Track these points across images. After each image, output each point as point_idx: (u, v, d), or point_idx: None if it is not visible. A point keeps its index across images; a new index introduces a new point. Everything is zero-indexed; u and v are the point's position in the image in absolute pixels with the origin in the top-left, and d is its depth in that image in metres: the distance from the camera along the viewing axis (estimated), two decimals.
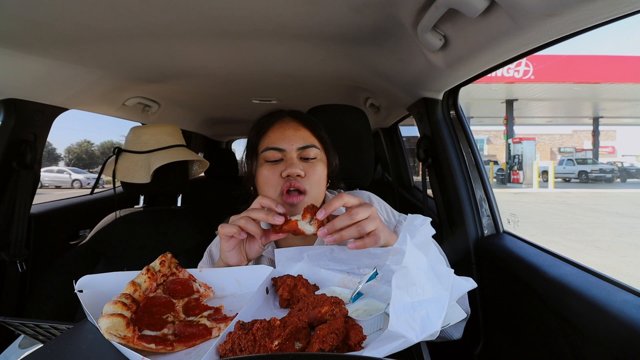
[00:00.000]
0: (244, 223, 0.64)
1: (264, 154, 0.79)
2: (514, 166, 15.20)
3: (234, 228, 0.64)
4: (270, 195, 0.78)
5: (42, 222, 1.43)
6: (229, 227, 0.65)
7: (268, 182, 0.78)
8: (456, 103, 1.27)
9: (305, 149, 0.79)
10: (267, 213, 0.64)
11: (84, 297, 0.51)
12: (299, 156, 0.79)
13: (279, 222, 0.63)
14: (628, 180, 18.44)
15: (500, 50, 0.77)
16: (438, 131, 1.28)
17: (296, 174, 0.75)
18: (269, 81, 1.54)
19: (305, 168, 0.77)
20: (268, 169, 0.78)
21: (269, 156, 0.79)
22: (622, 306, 0.58)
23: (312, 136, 0.82)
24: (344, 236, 0.60)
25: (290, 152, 0.78)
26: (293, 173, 0.75)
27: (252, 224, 0.64)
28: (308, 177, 0.77)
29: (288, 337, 0.41)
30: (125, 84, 1.43)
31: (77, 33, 0.94)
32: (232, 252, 0.66)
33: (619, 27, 79.73)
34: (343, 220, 0.60)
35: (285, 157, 0.78)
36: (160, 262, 0.57)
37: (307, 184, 0.76)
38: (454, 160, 1.23)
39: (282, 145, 0.78)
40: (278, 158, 0.78)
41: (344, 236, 0.60)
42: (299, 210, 0.74)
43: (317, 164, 0.79)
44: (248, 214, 0.65)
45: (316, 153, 0.80)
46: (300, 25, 0.94)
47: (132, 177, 1.28)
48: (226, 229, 0.65)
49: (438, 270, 0.44)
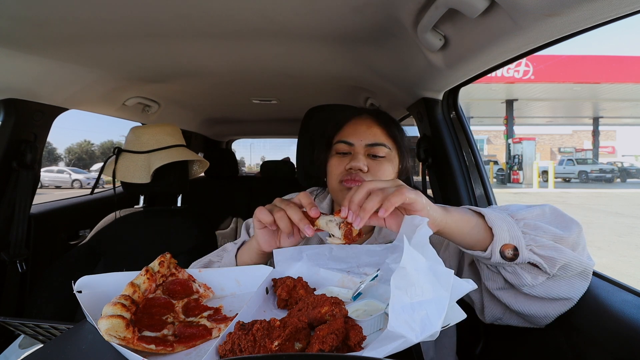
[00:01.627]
0: (279, 217, 0.60)
1: (335, 146, 0.83)
2: (514, 166, 15.21)
3: (269, 217, 0.60)
4: (334, 185, 0.81)
5: (42, 222, 1.43)
6: (265, 213, 0.61)
7: (333, 172, 0.81)
8: (456, 103, 1.27)
9: (373, 146, 0.80)
10: (301, 219, 0.58)
11: (83, 297, 0.51)
12: (367, 152, 0.80)
13: (309, 233, 0.58)
14: (628, 180, 18.44)
15: (500, 50, 0.77)
16: (438, 131, 1.28)
17: (358, 168, 0.76)
18: (269, 81, 1.54)
19: (371, 164, 0.78)
20: (336, 160, 0.81)
21: (339, 148, 0.82)
22: (622, 306, 0.58)
23: (385, 135, 0.82)
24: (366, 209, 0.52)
25: (358, 147, 0.80)
26: (355, 166, 0.76)
27: (285, 220, 0.59)
28: (371, 174, 0.78)
29: (288, 337, 0.41)
30: (125, 84, 1.43)
31: (77, 33, 0.94)
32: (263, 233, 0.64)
33: (619, 27, 79.76)
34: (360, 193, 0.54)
35: (353, 151, 0.80)
36: (159, 262, 0.56)
37: (368, 178, 0.77)
38: (454, 160, 1.23)
39: (352, 139, 0.80)
40: (346, 151, 0.81)
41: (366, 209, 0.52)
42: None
43: (383, 163, 0.80)
44: (286, 209, 0.60)
45: (386, 152, 0.80)
46: (300, 25, 0.94)
47: (132, 177, 1.28)
48: (262, 214, 0.61)
49: (437, 270, 0.44)
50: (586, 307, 0.62)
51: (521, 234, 0.56)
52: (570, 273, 0.58)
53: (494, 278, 0.62)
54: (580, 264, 0.57)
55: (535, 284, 0.58)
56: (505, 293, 0.62)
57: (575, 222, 0.60)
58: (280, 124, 2.78)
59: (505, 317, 0.66)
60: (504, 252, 0.56)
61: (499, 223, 0.56)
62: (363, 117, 0.85)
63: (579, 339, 0.61)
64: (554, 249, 0.56)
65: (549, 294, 0.59)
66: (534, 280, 0.58)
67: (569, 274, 0.58)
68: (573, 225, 0.60)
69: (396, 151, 0.84)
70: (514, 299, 0.62)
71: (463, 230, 0.57)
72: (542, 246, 0.56)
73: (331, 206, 0.92)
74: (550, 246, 0.56)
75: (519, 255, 0.55)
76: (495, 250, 0.56)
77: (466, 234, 0.57)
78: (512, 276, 0.58)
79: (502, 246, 0.56)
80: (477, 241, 0.57)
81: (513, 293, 0.62)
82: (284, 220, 0.60)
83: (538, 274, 0.58)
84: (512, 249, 0.56)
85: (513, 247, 0.56)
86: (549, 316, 0.61)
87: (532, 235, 0.57)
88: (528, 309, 0.61)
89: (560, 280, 0.59)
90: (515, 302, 0.62)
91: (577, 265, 0.57)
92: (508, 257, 0.56)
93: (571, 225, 0.60)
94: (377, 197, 0.52)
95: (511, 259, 0.56)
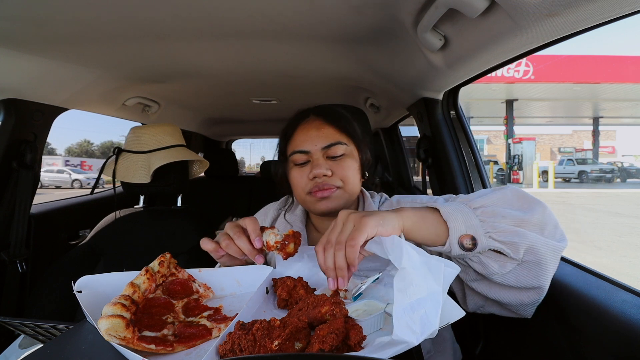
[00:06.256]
0: (226, 246, 0.61)
1: (292, 157, 0.80)
2: (514, 166, 15.21)
3: (211, 245, 0.62)
4: (300, 195, 0.79)
5: (42, 222, 1.43)
6: (206, 242, 0.63)
7: (298, 185, 0.79)
8: (456, 103, 1.27)
9: (330, 148, 0.78)
10: (250, 251, 0.60)
11: (83, 297, 0.51)
12: (325, 155, 0.78)
13: (260, 262, 0.61)
14: (628, 180, 18.43)
15: (500, 50, 0.77)
16: (438, 131, 1.28)
17: (322, 175, 0.75)
18: (269, 81, 1.54)
19: (333, 166, 0.77)
20: (297, 172, 0.79)
21: (296, 159, 0.79)
22: (622, 306, 0.58)
23: (338, 132, 0.80)
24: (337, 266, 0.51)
25: (315, 152, 0.78)
26: (319, 174, 0.75)
27: (233, 248, 0.61)
28: (336, 175, 0.76)
29: (288, 337, 0.41)
30: (125, 84, 1.43)
31: (77, 33, 0.94)
32: (223, 261, 0.65)
33: (619, 27, 79.76)
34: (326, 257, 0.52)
35: (311, 158, 0.78)
36: (159, 262, 0.56)
37: (336, 181, 0.76)
38: (454, 160, 1.23)
39: (306, 147, 0.78)
40: (304, 160, 0.79)
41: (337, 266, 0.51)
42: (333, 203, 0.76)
43: (345, 160, 0.78)
44: (235, 240, 0.61)
45: (344, 149, 0.79)
46: (300, 25, 0.94)
47: (132, 177, 1.28)
48: (204, 244, 0.62)
49: (429, 263, 0.44)
50: (586, 307, 0.62)
51: (478, 222, 0.55)
52: (541, 256, 0.55)
53: (465, 270, 0.61)
54: (546, 245, 0.55)
55: (505, 272, 0.57)
56: (480, 284, 0.62)
57: (539, 202, 0.59)
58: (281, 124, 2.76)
59: (487, 305, 0.65)
60: (462, 242, 0.55)
61: (454, 214, 0.55)
62: (310, 120, 0.83)
63: (579, 339, 0.61)
64: (515, 233, 0.54)
65: (521, 283, 0.57)
66: (502, 269, 0.56)
67: (539, 257, 0.56)
68: (536, 206, 0.58)
69: (353, 145, 0.82)
70: (488, 288, 0.61)
71: (421, 228, 0.56)
72: (501, 231, 0.55)
73: (305, 214, 0.90)
74: (510, 231, 0.55)
75: (478, 244, 0.54)
76: (453, 242, 0.55)
77: (424, 232, 0.56)
78: (479, 266, 0.57)
79: (460, 237, 0.55)
80: (436, 236, 0.56)
81: (487, 283, 0.61)
82: (231, 247, 0.61)
83: (506, 261, 0.56)
84: (470, 238, 0.54)
85: (471, 237, 0.54)
86: (524, 304, 0.60)
87: (491, 222, 0.56)
88: (502, 297, 0.60)
89: (532, 265, 0.57)
90: (490, 291, 0.61)
91: (543, 247, 0.55)
92: (467, 247, 0.55)
93: (534, 206, 0.58)
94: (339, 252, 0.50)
95: (471, 248, 0.55)
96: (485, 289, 0.61)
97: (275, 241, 0.60)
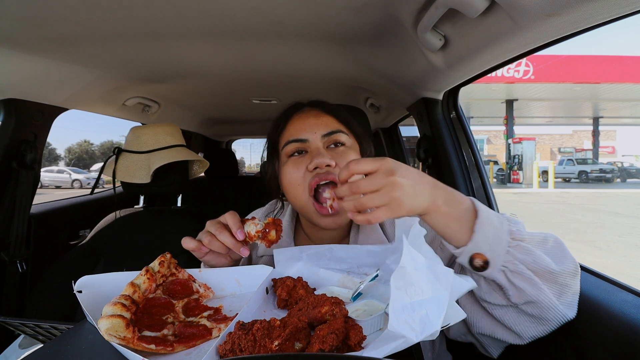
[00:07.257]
0: (208, 242, 0.59)
1: (285, 149, 0.69)
2: (514, 166, 15.21)
3: (193, 244, 0.60)
4: (299, 198, 0.68)
5: (42, 222, 1.43)
6: (187, 241, 0.60)
7: (294, 182, 0.67)
8: (456, 103, 1.27)
9: (331, 135, 0.68)
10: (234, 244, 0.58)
11: (83, 297, 0.51)
12: (326, 144, 0.68)
13: (245, 254, 0.60)
14: (628, 180, 18.45)
15: (500, 50, 0.77)
16: (438, 131, 1.28)
17: (325, 164, 0.64)
18: (269, 81, 1.54)
19: (335, 157, 0.66)
20: (292, 166, 0.68)
21: (291, 150, 0.68)
22: (622, 306, 0.58)
23: (338, 122, 0.71)
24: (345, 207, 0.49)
25: (314, 141, 0.67)
26: (321, 164, 0.64)
27: (216, 243, 0.59)
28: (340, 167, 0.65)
29: (288, 337, 0.41)
30: (125, 84, 1.43)
31: (77, 33, 0.94)
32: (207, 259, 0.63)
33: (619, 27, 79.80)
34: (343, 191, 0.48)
35: (310, 148, 0.68)
36: (159, 262, 0.56)
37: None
38: (454, 160, 1.23)
39: (304, 135, 0.68)
40: (302, 149, 0.68)
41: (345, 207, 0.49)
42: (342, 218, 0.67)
43: (347, 152, 0.68)
44: (217, 235, 0.59)
45: (346, 139, 0.69)
46: (300, 25, 0.94)
47: (132, 177, 1.28)
48: (185, 243, 0.60)
49: (436, 269, 0.44)
50: (586, 307, 0.62)
51: (505, 253, 0.50)
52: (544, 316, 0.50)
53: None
54: (554, 310, 0.49)
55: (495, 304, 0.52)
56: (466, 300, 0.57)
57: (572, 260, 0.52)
58: None
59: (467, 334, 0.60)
60: (473, 259, 0.50)
61: (485, 231, 0.49)
62: (306, 111, 0.73)
63: (579, 339, 0.61)
64: (531, 282, 0.49)
65: (505, 321, 0.53)
66: (494, 300, 0.52)
67: (542, 316, 0.50)
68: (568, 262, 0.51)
69: (354, 139, 0.73)
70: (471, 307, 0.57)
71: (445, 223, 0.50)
72: (517, 273, 0.50)
73: (294, 222, 0.80)
74: (527, 278, 0.49)
75: (487, 269, 0.50)
76: (466, 251, 0.50)
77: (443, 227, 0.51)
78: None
79: (474, 254, 0.50)
80: (455, 233, 0.51)
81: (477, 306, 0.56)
82: (214, 244, 0.59)
83: (501, 298, 0.52)
84: (484, 261, 0.50)
85: (485, 260, 0.50)
86: (495, 336, 0.55)
87: (516, 260, 0.50)
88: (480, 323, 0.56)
89: (523, 315, 0.52)
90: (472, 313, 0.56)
91: (551, 311, 0.50)
92: (475, 265, 0.50)
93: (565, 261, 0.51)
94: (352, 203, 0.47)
95: (477, 268, 0.50)
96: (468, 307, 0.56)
97: (257, 230, 0.60)
